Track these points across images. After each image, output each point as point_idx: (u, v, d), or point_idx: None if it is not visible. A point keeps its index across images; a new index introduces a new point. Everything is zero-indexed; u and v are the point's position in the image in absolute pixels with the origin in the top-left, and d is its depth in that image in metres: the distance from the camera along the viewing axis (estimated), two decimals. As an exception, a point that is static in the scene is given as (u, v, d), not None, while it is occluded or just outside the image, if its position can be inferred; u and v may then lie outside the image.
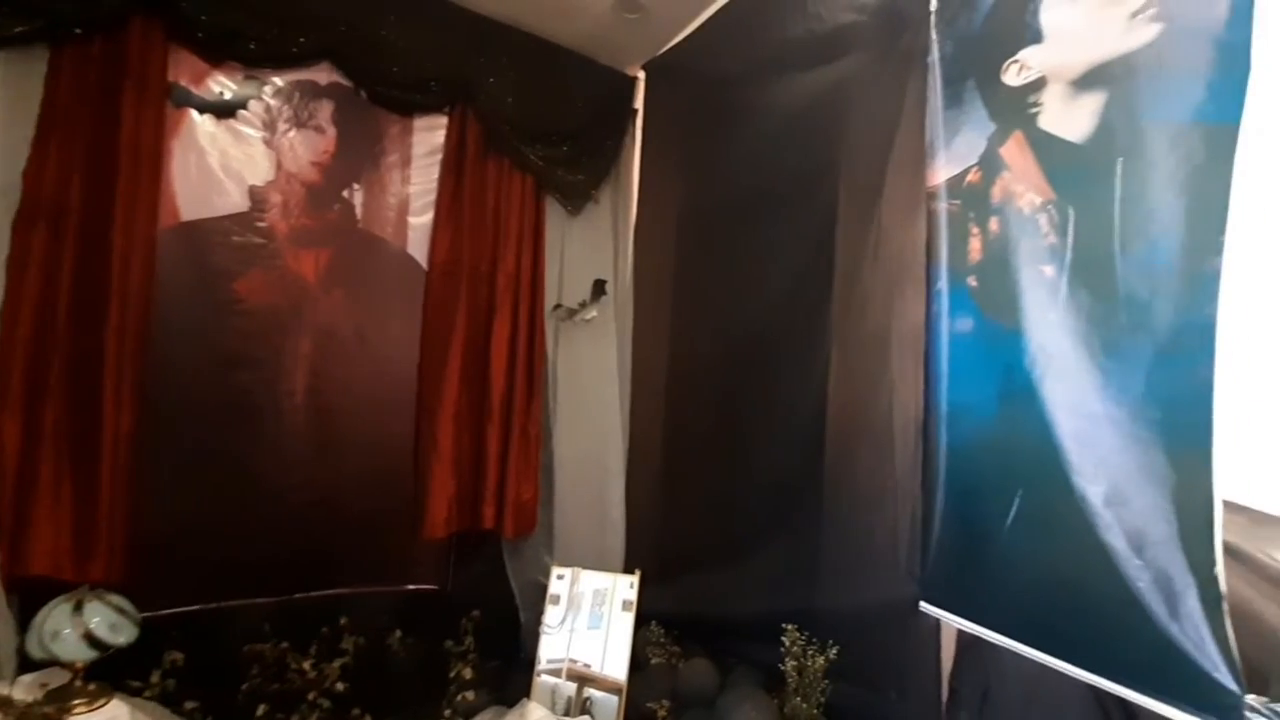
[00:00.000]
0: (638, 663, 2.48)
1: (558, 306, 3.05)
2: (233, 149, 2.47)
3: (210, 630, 2.33)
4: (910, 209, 2.04)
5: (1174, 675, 1.36)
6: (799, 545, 2.35)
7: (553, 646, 2.40)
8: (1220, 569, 1.30)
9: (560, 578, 2.52)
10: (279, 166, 2.56)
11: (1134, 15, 1.52)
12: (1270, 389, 1.26)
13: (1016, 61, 1.75)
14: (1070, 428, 1.55)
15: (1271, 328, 1.25)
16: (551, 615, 2.46)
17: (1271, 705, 1.23)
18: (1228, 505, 1.36)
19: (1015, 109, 1.74)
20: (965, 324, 1.83)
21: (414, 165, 2.81)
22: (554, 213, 3.06)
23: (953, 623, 1.85)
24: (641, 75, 3.35)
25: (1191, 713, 1.33)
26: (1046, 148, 1.67)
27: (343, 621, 2.52)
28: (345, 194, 2.71)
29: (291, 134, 2.58)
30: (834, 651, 2.14)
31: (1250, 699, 1.26)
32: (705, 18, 2.92)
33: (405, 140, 2.80)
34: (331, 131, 2.66)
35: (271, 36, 2.40)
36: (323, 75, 2.60)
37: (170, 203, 2.34)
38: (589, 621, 2.43)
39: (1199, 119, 1.39)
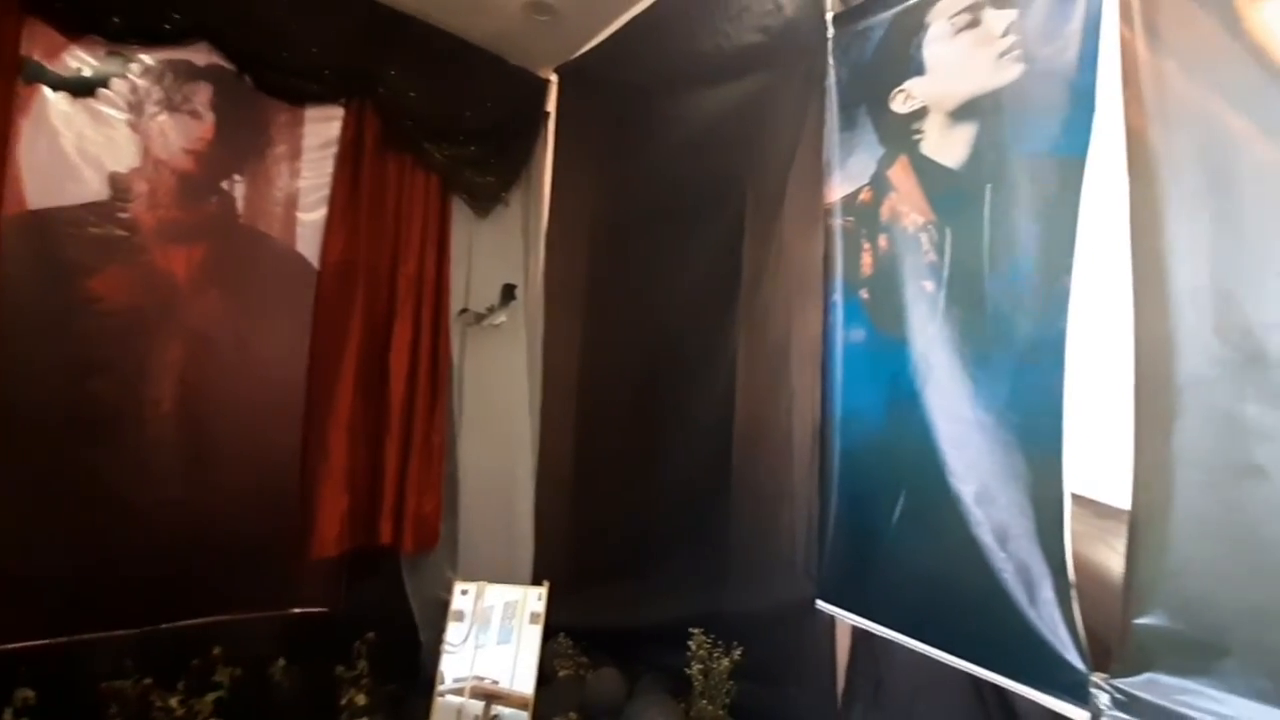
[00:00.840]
0: (546, 676, 2.44)
1: (464, 311, 2.97)
2: (90, 131, 2.24)
3: (65, 665, 2.11)
4: (809, 224, 2.15)
5: (1033, 658, 1.50)
6: (706, 551, 2.40)
7: (456, 665, 2.32)
8: (1070, 559, 1.45)
9: (464, 593, 2.44)
10: (146, 153, 2.34)
11: (1001, 55, 1.68)
12: (1109, 395, 1.43)
13: (903, 91, 1.90)
14: (947, 432, 1.69)
15: (1109, 340, 1.42)
16: (454, 633, 2.38)
17: (1112, 681, 1.38)
18: (1077, 499, 1.53)
19: (901, 135, 1.88)
20: (858, 335, 1.95)
21: (305, 158, 2.65)
22: (461, 214, 2.98)
23: (846, 619, 1.96)
24: (554, 78, 3.34)
25: (1048, 692, 1.48)
26: (928, 172, 1.81)
27: (215, 651, 2.32)
28: (224, 185, 2.51)
29: (161, 118, 2.36)
30: (738, 653, 2.20)
31: (1096, 677, 1.41)
32: (618, 26, 2.96)
33: (295, 131, 2.64)
34: (209, 117, 2.46)
35: (139, 10, 2.20)
36: (200, 56, 2.41)
37: (16, 188, 2.09)
38: (499, 636, 2.38)
39: (1053, 151, 1.56)
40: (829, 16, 2.14)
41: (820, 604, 2.01)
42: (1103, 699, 1.38)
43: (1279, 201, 1.29)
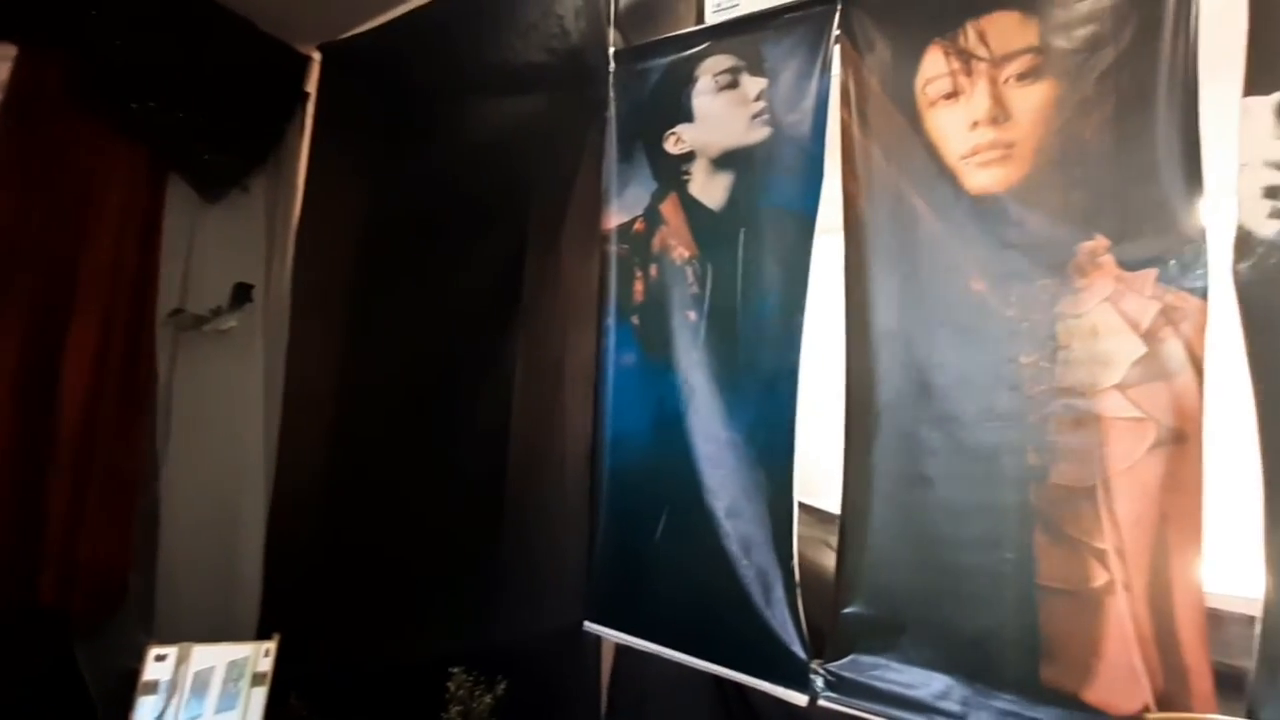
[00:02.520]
0: (272, 746, 2.11)
1: (178, 311, 2.49)
2: None
3: None
4: (587, 248, 2.24)
5: (769, 654, 1.71)
6: (475, 580, 2.32)
7: (145, 750, 1.90)
8: (796, 561, 1.69)
9: (160, 659, 2.01)
10: None
11: (753, 117, 1.94)
12: (828, 417, 1.72)
13: (674, 134, 2.08)
14: (705, 451, 1.86)
15: (826, 371, 1.72)
16: (145, 709, 1.95)
17: (825, 665, 1.63)
18: (804, 507, 1.79)
19: (672, 174, 2.06)
20: (629, 358, 2.06)
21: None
22: (181, 196, 2.52)
23: (611, 637, 2.03)
24: (317, 57, 3.02)
25: (778, 683, 1.69)
26: (694, 211, 2.01)
27: None
28: None
29: None
30: (502, 687, 2.14)
31: (814, 664, 1.64)
32: (396, 14, 2.79)
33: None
34: None
35: None
36: None
37: None
38: (219, 703, 2.01)
39: (791, 206, 1.84)
40: (611, 52, 2.26)
41: (588, 625, 2.05)
42: (818, 682, 1.63)
43: (942, 268, 1.67)
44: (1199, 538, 1.36)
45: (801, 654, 1.66)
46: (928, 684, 1.53)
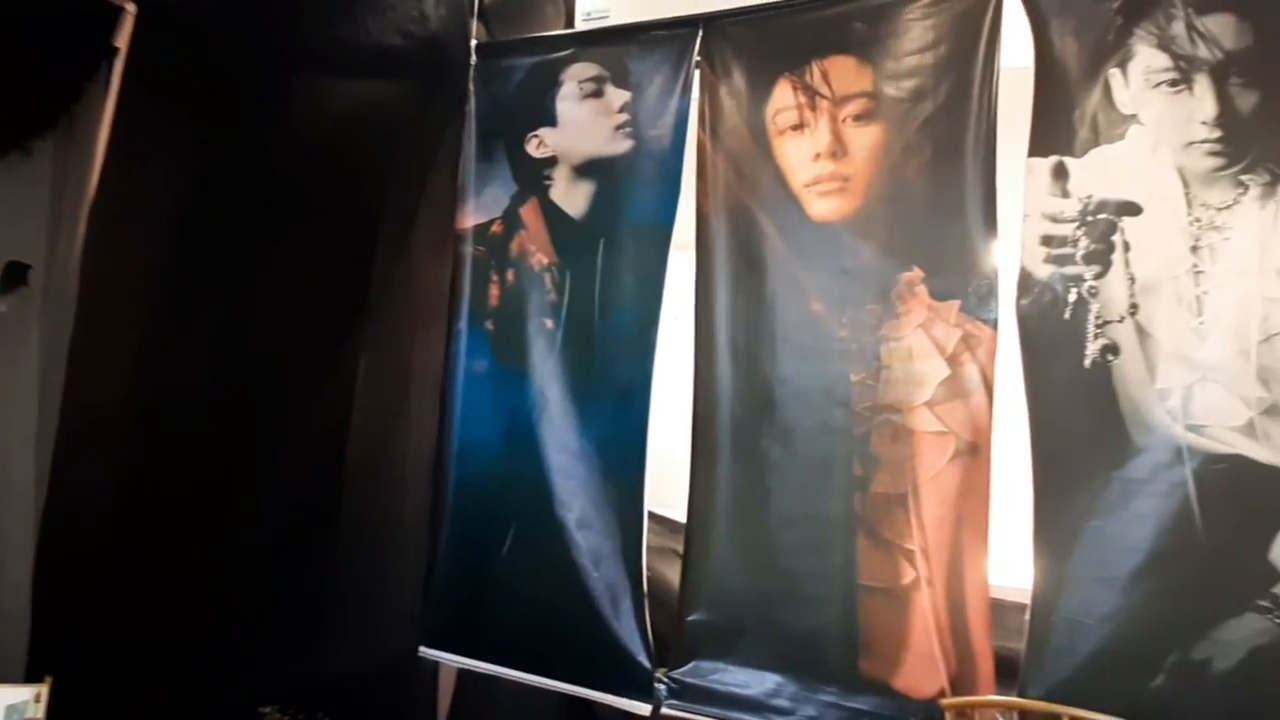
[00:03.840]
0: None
1: (-77, 294, 2.05)
2: None
3: None
4: (441, 248, 2.14)
5: (616, 666, 1.73)
6: (298, 607, 2.11)
7: None
8: (645, 573, 1.72)
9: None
10: None
11: (616, 129, 1.97)
12: (673, 427, 1.78)
13: (537, 136, 2.06)
14: (557, 462, 1.85)
15: (674, 381, 1.79)
16: None
17: (669, 673, 1.67)
18: (656, 518, 1.84)
19: (533, 177, 2.04)
20: (481, 365, 2.00)
21: None
22: (-70, 151, 2.08)
23: (450, 663, 1.94)
24: (131, 9, 2.63)
25: (624, 694, 1.71)
26: (555, 217, 1.99)
27: None
28: None
29: None
30: (326, 722, 1.97)
31: (658, 673, 1.68)
32: (227, -27, 2.50)
33: None
34: None
35: None
36: None
37: None
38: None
39: (650, 220, 1.89)
40: (473, 44, 2.19)
41: (424, 651, 1.95)
42: (662, 690, 1.67)
43: (785, 287, 1.79)
44: (986, 537, 1.57)
45: (647, 664, 1.70)
46: (761, 683, 1.62)
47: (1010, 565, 1.63)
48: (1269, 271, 1.46)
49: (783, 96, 1.87)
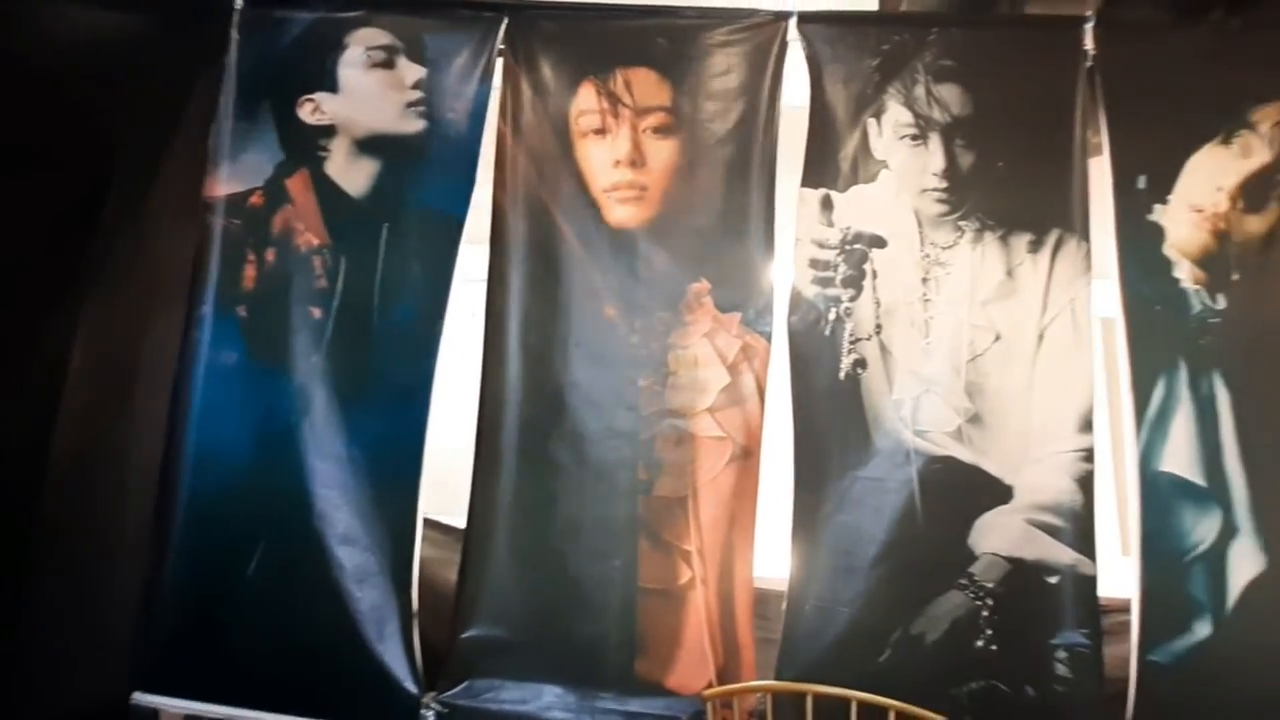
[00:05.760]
0: None
1: None
2: None
3: None
4: (183, 216, 1.83)
5: (379, 695, 1.57)
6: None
7: None
8: (415, 589, 1.58)
9: None
10: None
11: (408, 105, 1.82)
12: (457, 428, 1.68)
13: (312, 101, 1.83)
14: (318, 471, 1.65)
15: (459, 381, 1.69)
16: None
17: (439, 697, 1.56)
18: (435, 524, 1.71)
19: (306, 146, 1.81)
20: (229, 357, 1.72)
21: None
22: None
23: (172, 708, 1.63)
24: None
25: (389, 725, 1.55)
26: (329, 194, 1.78)
27: None
28: None
29: None
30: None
31: (426, 697, 1.55)
32: None
33: None
34: None
35: None
36: None
37: None
38: None
39: (442, 207, 1.77)
40: (237, -16, 1.90)
41: (138, 697, 1.61)
42: (429, 717, 1.54)
43: (580, 290, 1.77)
44: (753, 534, 1.68)
45: (413, 690, 1.56)
46: (539, 697, 1.58)
47: (774, 557, 1.76)
48: (976, 303, 1.76)
49: (587, 99, 1.86)
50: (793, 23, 1.90)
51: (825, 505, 1.68)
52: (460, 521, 1.73)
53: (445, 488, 1.75)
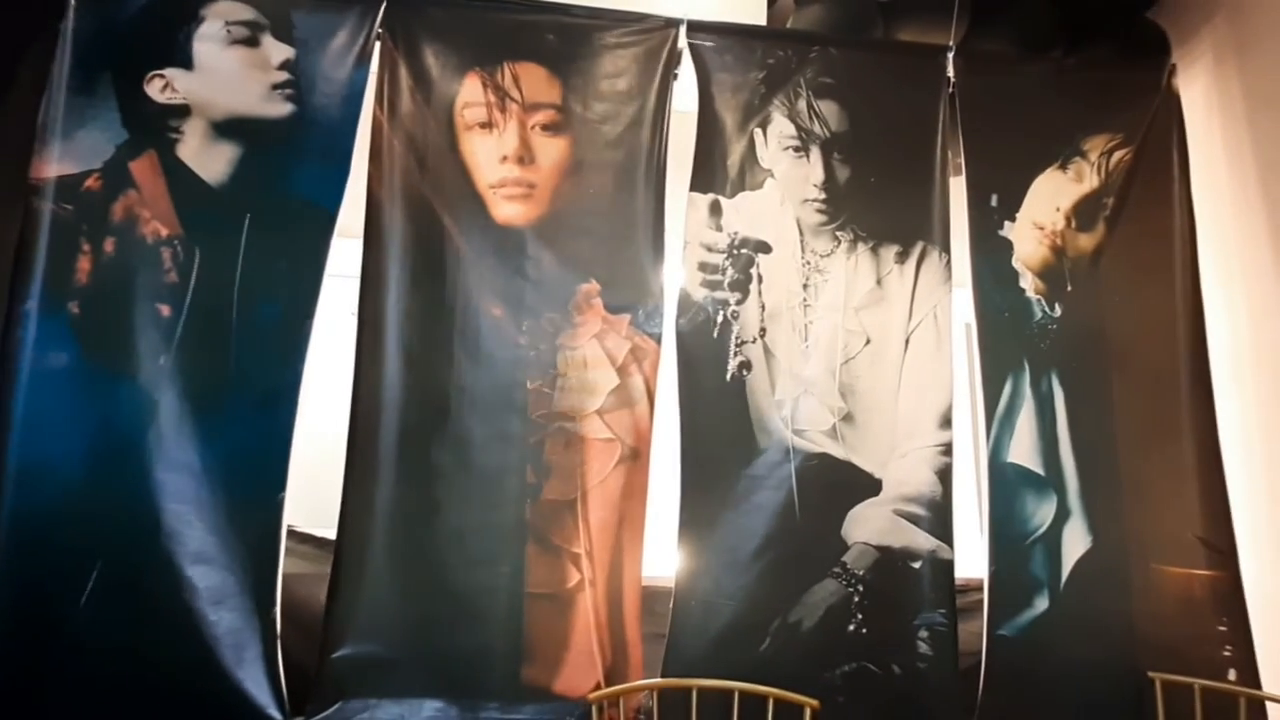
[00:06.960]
0: None
1: None
2: None
3: None
4: (5, 200, 1.59)
5: (239, 722, 1.44)
6: None
7: None
8: (278, 611, 1.47)
9: None
10: None
11: (274, 87, 1.69)
12: (330, 434, 1.58)
13: (162, 77, 1.66)
14: (167, 484, 1.50)
15: (337, 386, 1.58)
16: None
17: (309, 721, 1.46)
18: (303, 536, 1.60)
19: (154, 126, 1.64)
20: (58, 359, 1.52)
21: None
22: None
23: (-15, 760, 1.43)
24: None
25: (249, 755, 1.43)
26: (181, 180, 1.62)
27: None
28: None
29: None
30: None
31: (293, 722, 1.46)
32: None
33: None
34: None
35: None
36: None
37: None
38: None
39: (310, 199, 1.65)
40: (71, -58, 1.69)
41: (-59, 751, 1.41)
42: (294, 743, 1.44)
43: (465, 289, 1.72)
44: (642, 534, 1.70)
45: (277, 716, 1.45)
46: (418, 713, 1.52)
47: (662, 556, 1.78)
48: (849, 309, 1.86)
49: (472, 91, 1.80)
50: (683, 30, 1.93)
51: (712, 503, 1.72)
52: (332, 533, 1.63)
53: (315, 498, 1.64)
